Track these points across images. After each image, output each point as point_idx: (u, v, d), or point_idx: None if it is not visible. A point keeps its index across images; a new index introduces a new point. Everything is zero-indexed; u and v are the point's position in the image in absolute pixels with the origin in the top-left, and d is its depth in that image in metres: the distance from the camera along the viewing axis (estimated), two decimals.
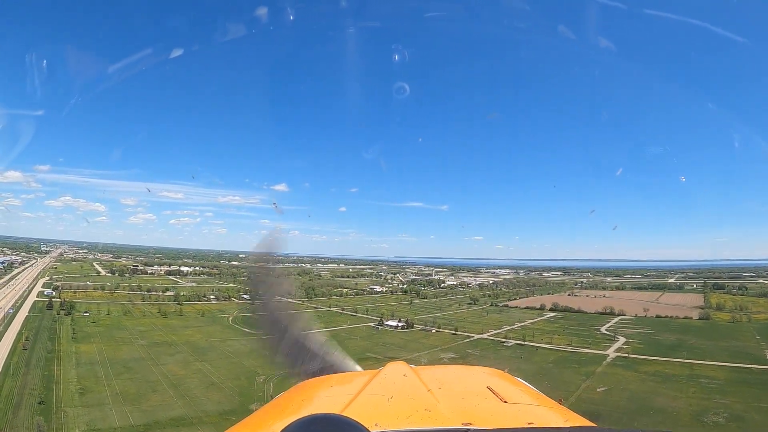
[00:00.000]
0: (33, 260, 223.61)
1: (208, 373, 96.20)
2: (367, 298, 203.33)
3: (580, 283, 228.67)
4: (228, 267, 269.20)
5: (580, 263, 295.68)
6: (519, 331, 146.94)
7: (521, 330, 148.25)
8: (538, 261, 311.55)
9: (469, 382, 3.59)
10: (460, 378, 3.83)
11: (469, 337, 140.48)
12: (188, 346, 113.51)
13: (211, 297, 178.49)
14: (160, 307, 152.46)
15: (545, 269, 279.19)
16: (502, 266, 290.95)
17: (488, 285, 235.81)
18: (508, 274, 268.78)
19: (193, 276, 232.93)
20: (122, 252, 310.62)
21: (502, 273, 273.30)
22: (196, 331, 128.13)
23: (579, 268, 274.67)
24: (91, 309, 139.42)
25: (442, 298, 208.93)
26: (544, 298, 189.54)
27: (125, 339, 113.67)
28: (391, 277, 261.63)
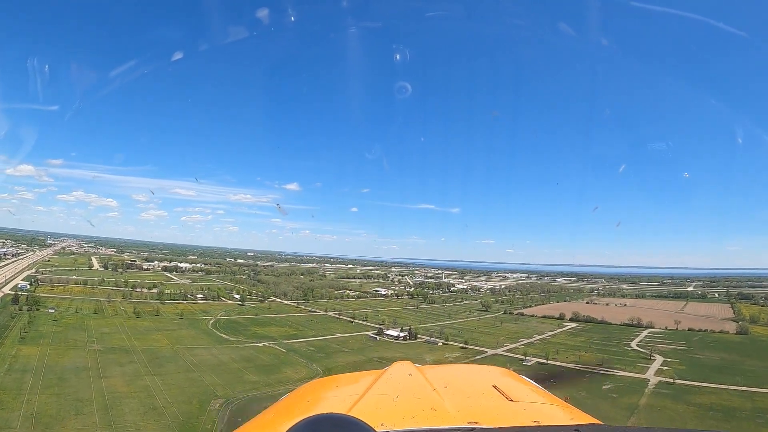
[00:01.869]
0: (30, 253, 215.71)
1: (155, 391, 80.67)
2: (370, 301, 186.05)
3: (596, 290, 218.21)
4: (230, 265, 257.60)
5: (593, 269, 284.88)
6: (539, 346, 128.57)
7: (541, 344, 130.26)
8: (550, 266, 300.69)
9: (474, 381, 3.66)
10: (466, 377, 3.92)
11: (482, 352, 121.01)
12: (148, 353, 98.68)
13: (199, 296, 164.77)
14: (138, 305, 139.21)
15: (558, 274, 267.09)
16: (514, 270, 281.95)
17: (500, 290, 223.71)
18: (521, 279, 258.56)
19: (191, 273, 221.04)
20: (128, 247, 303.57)
21: (514, 277, 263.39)
22: (166, 335, 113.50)
23: (592, 274, 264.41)
24: (61, 305, 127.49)
25: (451, 303, 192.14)
26: (561, 306, 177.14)
27: (79, 342, 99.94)
28: (399, 279, 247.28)
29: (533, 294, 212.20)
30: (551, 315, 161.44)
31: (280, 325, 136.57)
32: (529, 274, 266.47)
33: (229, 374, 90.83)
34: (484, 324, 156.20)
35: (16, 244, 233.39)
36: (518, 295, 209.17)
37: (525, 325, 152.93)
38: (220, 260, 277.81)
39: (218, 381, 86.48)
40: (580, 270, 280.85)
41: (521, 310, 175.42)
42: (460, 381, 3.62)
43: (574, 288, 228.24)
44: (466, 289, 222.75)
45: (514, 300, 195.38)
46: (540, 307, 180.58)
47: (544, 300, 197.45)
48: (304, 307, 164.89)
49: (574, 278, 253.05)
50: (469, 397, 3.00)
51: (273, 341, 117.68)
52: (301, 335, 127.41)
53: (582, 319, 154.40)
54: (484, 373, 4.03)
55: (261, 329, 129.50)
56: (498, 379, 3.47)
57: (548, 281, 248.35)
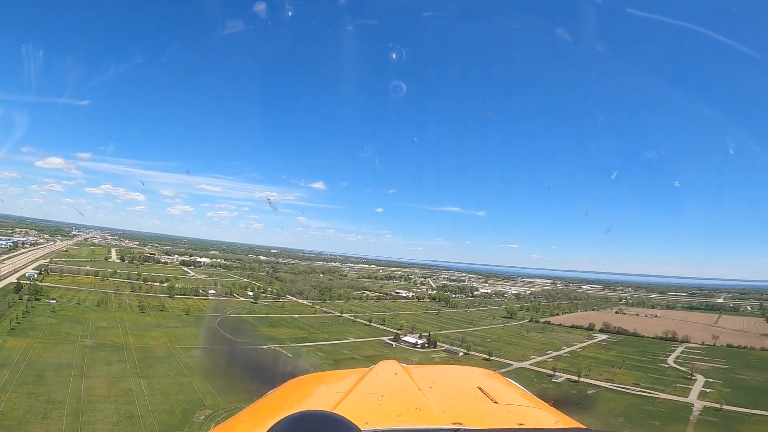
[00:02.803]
0: (50, 243, 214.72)
1: (137, 396, 71.74)
2: (390, 303, 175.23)
3: (624, 299, 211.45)
4: (250, 261, 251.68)
5: (619, 277, 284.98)
6: (568, 360, 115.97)
7: (571, 357, 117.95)
8: (575, 272, 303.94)
9: (460, 381, 3.64)
10: (451, 377, 3.88)
11: (507, 365, 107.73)
12: (141, 352, 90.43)
13: (211, 292, 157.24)
14: (144, 299, 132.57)
15: (583, 281, 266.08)
16: (539, 276, 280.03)
17: (525, 296, 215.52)
18: (546, 285, 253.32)
19: (209, 268, 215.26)
20: (152, 241, 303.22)
21: (539, 283, 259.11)
22: (166, 332, 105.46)
23: (619, 282, 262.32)
24: (64, 296, 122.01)
25: (474, 308, 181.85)
26: (590, 315, 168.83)
27: (71, 336, 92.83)
28: (421, 281, 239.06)
29: (560, 301, 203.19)
30: (580, 325, 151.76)
31: (290, 326, 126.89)
32: (554, 281, 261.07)
33: (224, 380, 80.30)
34: (508, 333, 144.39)
35: (39, 234, 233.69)
36: (544, 301, 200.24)
37: (552, 335, 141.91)
38: (241, 256, 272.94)
39: (210, 388, 76.70)
40: (606, 278, 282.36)
41: (548, 318, 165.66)
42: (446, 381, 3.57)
43: (601, 296, 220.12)
44: (490, 294, 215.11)
45: (540, 307, 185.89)
46: (567, 316, 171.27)
47: (572, 308, 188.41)
48: (320, 308, 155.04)
49: (601, 286, 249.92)
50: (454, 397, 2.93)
51: (280, 344, 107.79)
52: (311, 338, 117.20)
53: (613, 331, 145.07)
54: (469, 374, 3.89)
55: (269, 330, 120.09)
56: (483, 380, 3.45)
57: (574, 288, 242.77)
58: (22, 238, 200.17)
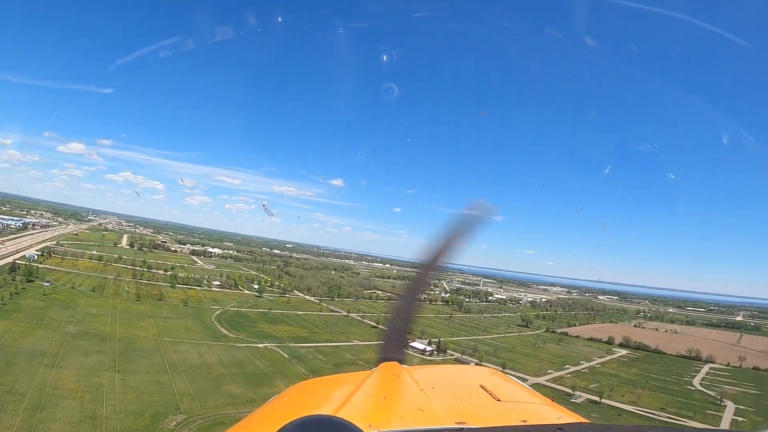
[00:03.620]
0: (62, 226, 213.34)
1: (107, 393, 64.63)
2: None
3: (642, 312, 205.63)
4: (262, 254, 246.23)
5: (635, 289, 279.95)
6: (588, 376, 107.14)
7: (590, 374, 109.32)
8: (591, 282, 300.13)
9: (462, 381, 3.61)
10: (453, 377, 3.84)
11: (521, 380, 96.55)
12: (125, 343, 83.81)
13: (215, 283, 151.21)
14: (144, 287, 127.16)
15: (599, 291, 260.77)
16: (554, 283, 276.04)
17: (541, 303, 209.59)
18: (561, 293, 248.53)
19: (219, 259, 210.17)
20: (167, 229, 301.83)
21: (554, 291, 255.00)
22: (156, 323, 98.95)
23: (635, 294, 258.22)
24: (61, 279, 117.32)
25: (488, 314, 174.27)
26: (608, 328, 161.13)
27: (54, 321, 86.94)
28: (435, 283, 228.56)
29: (576, 311, 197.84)
30: (599, 338, 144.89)
31: (292, 324, 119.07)
32: (569, 289, 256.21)
33: (208, 381, 73.53)
34: (523, 342, 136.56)
35: (54, 216, 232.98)
36: (560, 311, 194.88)
37: (570, 347, 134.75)
38: (254, 249, 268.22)
39: (190, 389, 69.39)
40: (622, 289, 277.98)
41: (565, 328, 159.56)
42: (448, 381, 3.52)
43: (618, 308, 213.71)
44: (504, 300, 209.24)
45: (556, 316, 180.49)
46: (585, 327, 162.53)
47: (589, 319, 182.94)
48: (326, 306, 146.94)
49: (617, 297, 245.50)
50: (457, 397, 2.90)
51: (278, 343, 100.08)
52: (312, 338, 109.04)
53: (633, 346, 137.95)
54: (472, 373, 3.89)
55: (269, 327, 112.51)
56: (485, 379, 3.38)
57: (590, 298, 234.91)
58: (35, 220, 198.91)
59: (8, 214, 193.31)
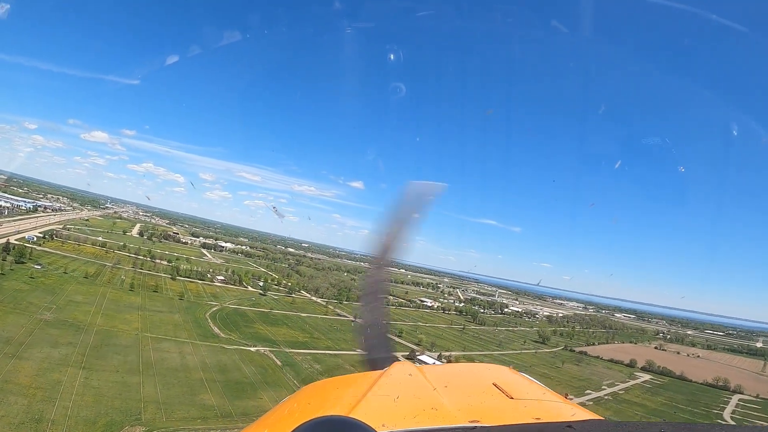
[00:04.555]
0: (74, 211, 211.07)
1: (64, 392, 56.36)
2: (412, 312, 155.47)
3: (661, 332, 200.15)
4: (275, 252, 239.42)
5: (651, 308, 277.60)
6: (611, 405, 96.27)
7: (613, 402, 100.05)
8: (607, 299, 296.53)
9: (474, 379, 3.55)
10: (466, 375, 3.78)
11: None
12: (101, 336, 75.99)
13: (219, 278, 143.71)
14: (141, 277, 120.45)
15: (616, 309, 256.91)
16: (570, 298, 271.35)
17: (558, 319, 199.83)
18: (578, 308, 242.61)
19: (229, 253, 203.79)
20: (184, 221, 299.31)
21: (571, 306, 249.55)
22: (143, 316, 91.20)
23: (652, 313, 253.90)
24: (56, 263, 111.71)
25: (503, 327, 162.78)
26: (628, 349, 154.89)
27: (32, 307, 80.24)
28: (450, 291, 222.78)
29: (594, 329, 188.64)
30: (620, 360, 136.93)
31: (292, 327, 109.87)
32: (585, 305, 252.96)
33: (182, 387, 64.62)
34: (541, 361, 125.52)
35: (70, 202, 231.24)
36: (578, 328, 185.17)
37: (590, 369, 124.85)
38: (268, 246, 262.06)
39: (159, 395, 60.62)
40: (638, 307, 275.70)
41: (584, 347, 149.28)
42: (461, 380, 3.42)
43: (636, 327, 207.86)
44: (520, 313, 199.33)
45: (574, 333, 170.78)
46: (604, 347, 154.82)
47: (608, 338, 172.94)
48: (333, 309, 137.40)
49: (634, 316, 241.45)
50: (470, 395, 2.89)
51: (273, 347, 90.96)
52: (312, 344, 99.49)
53: (657, 371, 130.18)
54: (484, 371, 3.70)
55: (267, 329, 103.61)
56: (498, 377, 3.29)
57: (607, 315, 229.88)
58: (49, 203, 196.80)
59: (24, 196, 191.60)
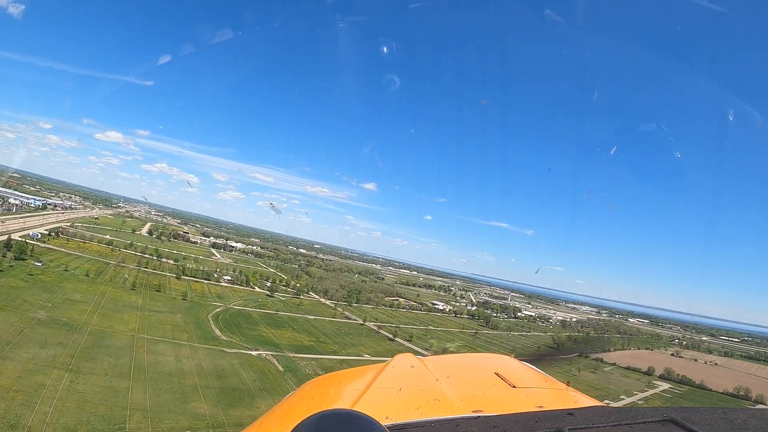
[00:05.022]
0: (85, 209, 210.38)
1: (46, 397, 52.44)
2: (423, 316, 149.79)
3: (676, 338, 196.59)
4: (286, 252, 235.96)
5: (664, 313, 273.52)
6: None
7: None
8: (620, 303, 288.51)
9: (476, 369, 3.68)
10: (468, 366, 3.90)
11: None
12: (95, 337, 72.27)
13: (226, 278, 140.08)
14: (145, 276, 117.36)
15: (629, 314, 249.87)
16: (583, 302, 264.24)
17: (572, 323, 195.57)
18: (591, 313, 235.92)
19: (239, 253, 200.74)
20: (196, 221, 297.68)
21: (583, 310, 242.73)
22: (142, 316, 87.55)
23: (665, 318, 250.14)
24: (58, 260, 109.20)
25: (516, 332, 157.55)
26: (644, 355, 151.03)
27: (26, 305, 77.05)
28: (462, 294, 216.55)
29: (609, 334, 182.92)
30: (637, 367, 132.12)
31: (298, 330, 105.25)
32: (599, 309, 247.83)
33: (174, 394, 60.24)
34: (556, 368, 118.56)
35: (82, 200, 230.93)
36: (593, 333, 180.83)
37: (607, 377, 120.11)
38: (279, 247, 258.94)
39: (148, 402, 56.26)
40: (651, 312, 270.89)
41: (599, 354, 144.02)
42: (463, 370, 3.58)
43: (651, 333, 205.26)
44: (534, 317, 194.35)
45: (588, 339, 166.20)
46: (620, 354, 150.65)
47: (623, 344, 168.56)
48: (341, 311, 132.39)
49: (648, 321, 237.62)
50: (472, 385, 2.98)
51: (276, 351, 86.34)
52: (317, 349, 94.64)
53: (676, 379, 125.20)
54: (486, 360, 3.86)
55: (271, 331, 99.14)
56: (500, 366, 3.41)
57: (621, 320, 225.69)
58: (59, 201, 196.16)
59: (36, 194, 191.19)
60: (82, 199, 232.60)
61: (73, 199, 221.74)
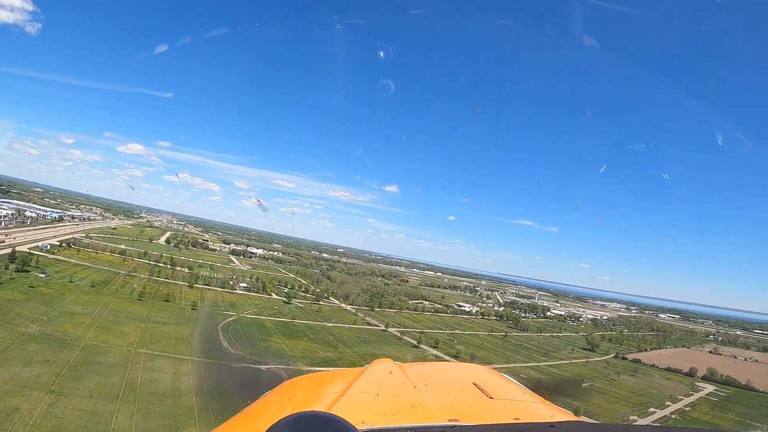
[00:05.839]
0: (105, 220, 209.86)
1: (17, 423, 45.64)
2: (449, 319, 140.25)
3: (711, 334, 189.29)
4: (308, 257, 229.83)
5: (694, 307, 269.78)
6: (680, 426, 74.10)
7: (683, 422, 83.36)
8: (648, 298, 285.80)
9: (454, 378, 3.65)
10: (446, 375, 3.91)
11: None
12: (87, 353, 65.75)
13: (242, 285, 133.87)
14: (155, 286, 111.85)
15: (659, 309, 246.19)
16: (611, 299, 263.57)
17: (603, 322, 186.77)
18: (620, 310, 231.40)
19: (259, 260, 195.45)
20: (217, 229, 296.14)
21: (612, 307, 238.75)
22: (144, 329, 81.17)
23: (696, 313, 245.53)
24: (65, 271, 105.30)
25: (547, 333, 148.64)
26: (682, 354, 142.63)
27: (19, 318, 71.91)
28: (488, 294, 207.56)
29: (642, 332, 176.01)
30: (677, 368, 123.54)
31: (314, 340, 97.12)
32: (628, 306, 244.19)
33: (164, 418, 52.63)
34: (594, 372, 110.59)
35: (103, 212, 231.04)
36: (626, 331, 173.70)
37: (648, 380, 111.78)
38: (302, 252, 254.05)
39: (132, 428, 48.88)
40: (681, 307, 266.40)
41: (636, 354, 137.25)
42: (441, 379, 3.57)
43: (684, 329, 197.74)
44: (563, 317, 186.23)
45: (622, 338, 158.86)
46: (657, 353, 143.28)
47: (659, 342, 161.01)
48: (362, 317, 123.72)
49: (678, 316, 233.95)
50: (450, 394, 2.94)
51: (287, 365, 78.35)
52: (334, 360, 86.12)
53: (720, 380, 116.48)
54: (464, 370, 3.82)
55: (284, 342, 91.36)
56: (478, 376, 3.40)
57: (651, 316, 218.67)
58: (78, 213, 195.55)
59: (55, 207, 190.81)
60: (103, 210, 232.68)
61: (94, 211, 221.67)
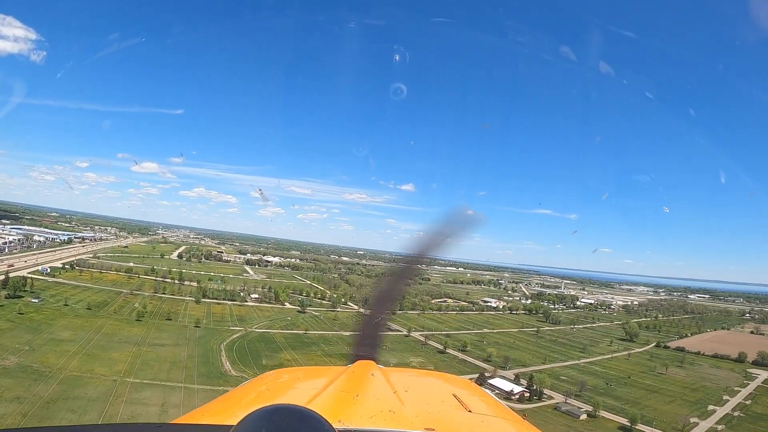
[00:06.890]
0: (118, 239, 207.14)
1: None
2: (476, 317, 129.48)
3: (746, 313, 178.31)
4: (326, 262, 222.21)
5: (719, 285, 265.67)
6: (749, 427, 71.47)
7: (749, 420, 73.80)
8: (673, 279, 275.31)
9: (435, 388, 3.63)
10: (427, 383, 3.88)
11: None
12: (65, 386, 58.55)
13: (253, 296, 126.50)
14: (156, 304, 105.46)
15: (686, 290, 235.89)
16: (636, 282, 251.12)
17: (635, 308, 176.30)
18: (648, 294, 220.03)
19: (275, 267, 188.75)
20: (234, 240, 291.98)
21: (640, 291, 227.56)
22: (137, 353, 73.83)
23: (726, 291, 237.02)
24: (63, 294, 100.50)
25: (580, 324, 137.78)
26: (725, 337, 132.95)
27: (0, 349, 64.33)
28: (513, 287, 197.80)
29: (677, 315, 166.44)
30: (724, 354, 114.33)
31: (328, 353, 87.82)
32: (655, 288, 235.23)
33: None
34: (638, 367, 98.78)
35: (117, 232, 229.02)
36: (660, 316, 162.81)
37: (698, 371, 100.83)
38: (320, 257, 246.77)
39: None
40: (708, 286, 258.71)
41: (677, 341, 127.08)
42: (421, 387, 3.53)
43: (717, 309, 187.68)
44: (594, 305, 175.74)
45: (659, 324, 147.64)
46: (699, 338, 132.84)
47: (698, 326, 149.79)
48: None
49: (708, 296, 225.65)
50: (429, 403, 2.94)
51: None
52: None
53: None
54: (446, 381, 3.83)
55: (295, 357, 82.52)
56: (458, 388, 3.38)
57: (682, 298, 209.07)
58: (90, 234, 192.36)
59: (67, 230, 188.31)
60: (117, 230, 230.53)
61: (108, 231, 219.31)
